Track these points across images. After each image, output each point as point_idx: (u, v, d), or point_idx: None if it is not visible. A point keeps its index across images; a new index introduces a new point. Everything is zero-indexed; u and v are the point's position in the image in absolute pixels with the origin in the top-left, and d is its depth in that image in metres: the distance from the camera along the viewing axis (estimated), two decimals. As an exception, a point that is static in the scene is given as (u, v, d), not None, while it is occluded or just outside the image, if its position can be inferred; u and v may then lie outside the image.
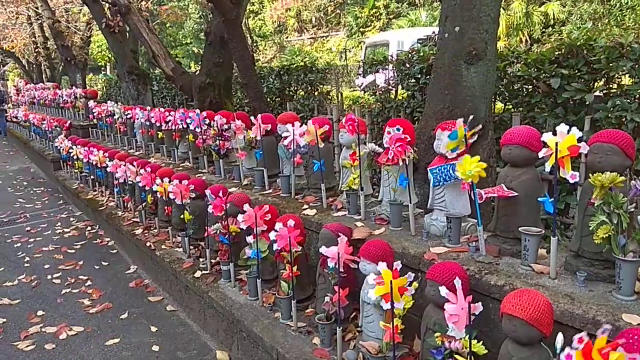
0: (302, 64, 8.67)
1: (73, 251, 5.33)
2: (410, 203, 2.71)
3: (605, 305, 1.78)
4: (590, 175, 1.90)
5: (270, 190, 3.94)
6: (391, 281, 2.03)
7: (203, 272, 3.60)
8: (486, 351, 1.82)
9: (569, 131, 1.91)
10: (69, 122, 9.40)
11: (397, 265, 2.11)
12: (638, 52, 3.74)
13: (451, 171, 2.49)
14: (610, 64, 3.87)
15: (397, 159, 2.67)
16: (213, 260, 3.63)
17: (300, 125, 3.45)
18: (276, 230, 2.67)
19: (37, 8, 14.67)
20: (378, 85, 6.62)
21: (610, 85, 4.05)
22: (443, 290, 1.87)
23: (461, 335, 1.83)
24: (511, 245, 2.29)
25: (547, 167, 1.96)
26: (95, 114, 8.24)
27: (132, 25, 8.16)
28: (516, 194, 2.23)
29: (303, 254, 2.92)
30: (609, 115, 3.78)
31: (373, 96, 6.76)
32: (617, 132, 1.96)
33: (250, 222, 2.96)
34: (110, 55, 22.18)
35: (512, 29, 16.25)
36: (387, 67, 6.41)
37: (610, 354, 1.25)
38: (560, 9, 16.08)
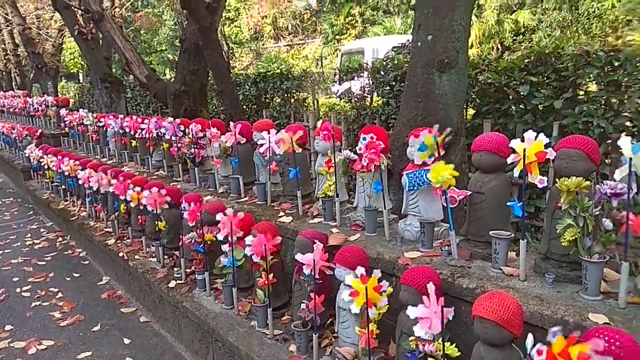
0: (278, 71, 8.68)
1: (43, 263, 5.19)
2: (385, 209, 2.74)
3: (572, 305, 1.83)
4: (557, 179, 1.95)
5: (246, 198, 3.92)
6: (365, 287, 2.05)
7: (178, 281, 3.55)
8: (459, 353, 1.84)
9: (536, 137, 1.96)
10: (39, 130, 9.18)
11: (377, 273, 2.11)
12: (603, 60, 3.87)
13: (424, 176, 2.53)
14: (577, 71, 3.99)
15: (370, 166, 2.70)
16: (188, 270, 3.59)
17: (277, 133, 3.45)
18: (250, 240, 2.66)
19: (7, 14, 14.34)
20: (354, 93, 6.67)
21: (578, 92, 4.18)
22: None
23: (432, 337, 1.85)
24: (482, 249, 2.34)
25: (516, 172, 2.01)
26: (67, 123, 8.07)
27: (105, 32, 8.05)
28: (469, 193, 2.31)
29: (279, 262, 2.91)
30: (577, 121, 3.89)
31: (349, 103, 6.82)
32: (582, 138, 2.02)
33: (226, 225, 2.93)
34: (83, 62, 21.82)
35: (484, 36, 16.60)
36: (362, 74, 6.47)
37: (570, 349, 1.29)
38: (531, 17, 16.51)
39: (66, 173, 5.90)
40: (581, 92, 4.17)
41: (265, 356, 2.53)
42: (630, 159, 1.71)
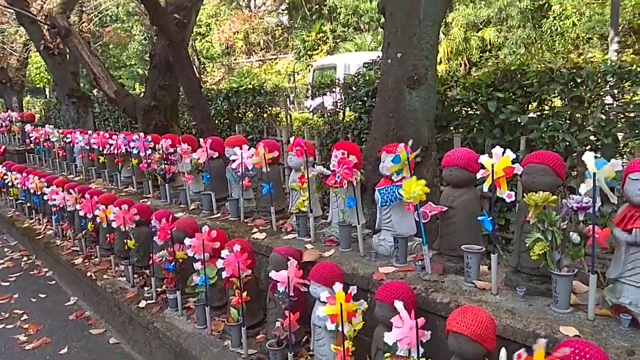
0: (250, 86, 8.65)
1: (7, 284, 4.99)
2: (359, 224, 2.74)
3: (543, 319, 1.86)
4: (525, 194, 2.00)
5: (219, 215, 3.88)
6: (341, 304, 2.04)
7: (148, 301, 3.46)
8: (434, 369, 1.85)
9: (503, 153, 2.01)
10: (3, 147, 8.92)
11: (353, 290, 2.12)
12: (566, 77, 4.01)
13: (397, 192, 2.55)
14: (542, 87, 4.12)
15: (344, 182, 2.71)
16: (159, 289, 3.50)
17: (249, 149, 3.43)
18: (223, 258, 2.62)
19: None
20: (326, 108, 6.71)
21: (543, 107, 4.31)
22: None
23: (408, 353, 1.85)
24: (455, 263, 2.36)
25: (485, 187, 2.05)
26: (32, 139, 7.86)
27: (73, 47, 7.91)
28: (445, 208, 2.34)
29: (253, 279, 2.88)
30: (543, 135, 4.00)
31: (322, 118, 6.85)
32: (548, 153, 2.09)
33: (197, 248, 2.89)
34: (49, 77, 21.31)
35: (452, 53, 17.02)
36: (334, 90, 6.52)
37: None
38: (496, 34, 17.04)
39: (32, 190, 5.72)
40: (546, 108, 4.30)
41: (239, 377, 2.48)
42: (594, 173, 1.77)
